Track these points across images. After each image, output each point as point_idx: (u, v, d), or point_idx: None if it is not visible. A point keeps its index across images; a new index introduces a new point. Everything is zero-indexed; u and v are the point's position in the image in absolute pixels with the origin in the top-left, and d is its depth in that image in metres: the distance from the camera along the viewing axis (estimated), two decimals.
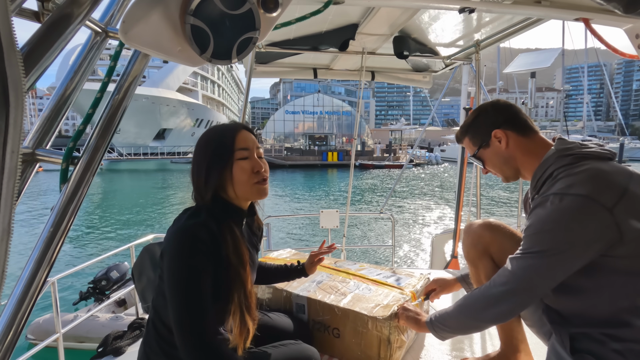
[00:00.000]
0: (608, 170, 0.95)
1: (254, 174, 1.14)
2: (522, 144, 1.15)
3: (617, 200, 0.89)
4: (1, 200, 0.43)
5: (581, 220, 0.91)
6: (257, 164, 1.15)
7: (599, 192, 0.91)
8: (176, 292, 0.99)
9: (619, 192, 0.90)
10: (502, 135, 1.16)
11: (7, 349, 0.61)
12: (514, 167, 1.19)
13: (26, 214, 14.04)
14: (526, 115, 1.19)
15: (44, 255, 0.67)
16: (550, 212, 0.95)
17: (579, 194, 0.91)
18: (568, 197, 0.93)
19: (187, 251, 1.01)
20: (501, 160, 1.20)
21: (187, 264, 1.00)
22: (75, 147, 0.76)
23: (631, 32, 1.21)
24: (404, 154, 39.22)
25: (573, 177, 0.96)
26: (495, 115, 1.19)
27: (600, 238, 0.90)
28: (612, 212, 0.88)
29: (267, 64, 2.91)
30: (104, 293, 4.86)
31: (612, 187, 0.92)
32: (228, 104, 63.75)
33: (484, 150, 1.22)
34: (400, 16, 2.00)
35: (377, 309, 1.52)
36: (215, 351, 0.98)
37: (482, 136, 1.21)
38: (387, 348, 1.46)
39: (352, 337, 1.53)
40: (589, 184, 0.92)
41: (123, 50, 0.83)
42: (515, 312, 1.05)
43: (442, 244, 3.85)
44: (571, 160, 1.01)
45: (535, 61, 5.15)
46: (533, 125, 1.17)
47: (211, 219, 1.07)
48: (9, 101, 0.41)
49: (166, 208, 15.86)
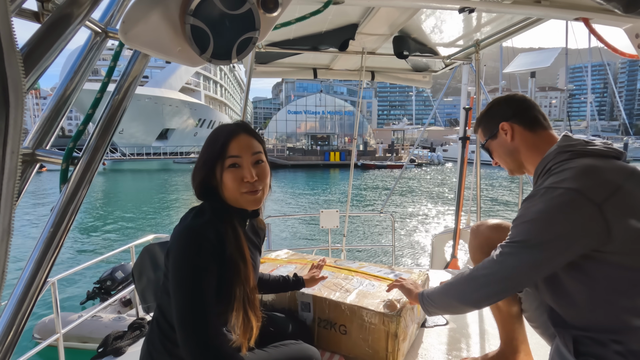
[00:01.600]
0: (603, 166, 0.96)
1: (243, 183, 1.11)
2: (528, 138, 1.17)
3: (608, 197, 0.89)
4: (1, 201, 0.43)
5: (567, 213, 0.92)
6: (246, 173, 1.10)
7: (588, 187, 0.91)
8: (180, 291, 0.99)
9: (610, 189, 0.90)
10: (509, 128, 1.19)
11: (8, 349, 0.61)
12: (518, 160, 1.21)
13: (33, 214, 14.09)
14: (540, 112, 1.19)
15: (44, 256, 0.67)
16: (538, 203, 0.96)
17: (568, 188, 0.92)
18: (557, 191, 0.94)
19: (193, 250, 1.01)
20: (506, 152, 1.22)
21: (193, 263, 1.00)
22: (76, 147, 0.76)
23: (631, 31, 1.20)
24: (407, 153, 39.17)
25: (566, 171, 0.97)
26: (506, 108, 1.22)
27: (586, 233, 0.90)
28: (601, 207, 0.88)
29: (267, 64, 2.91)
30: (110, 293, 4.89)
31: (603, 183, 0.92)
32: (230, 104, 63.85)
33: (492, 141, 1.25)
34: (400, 16, 2.00)
35: (384, 304, 1.54)
36: (216, 350, 0.99)
37: (491, 127, 1.24)
38: (394, 342, 1.48)
39: (360, 333, 1.55)
40: (580, 178, 0.93)
41: (123, 50, 0.83)
42: (493, 299, 1.05)
43: (442, 244, 3.85)
44: (569, 156, 1.02)
45: (535, 61, 5.14)
46: (544, 122, 1.17)
47: (216, 218, 1.08)
48: (9, 101, 0.41)
49: (169, 209, 15.89)
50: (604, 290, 0.94)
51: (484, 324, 1.94)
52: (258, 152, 1.15)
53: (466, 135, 3.26)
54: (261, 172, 1.14)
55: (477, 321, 1.98)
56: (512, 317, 1.38)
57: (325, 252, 3.92)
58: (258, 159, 1.15)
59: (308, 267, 1.93)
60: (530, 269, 0.97)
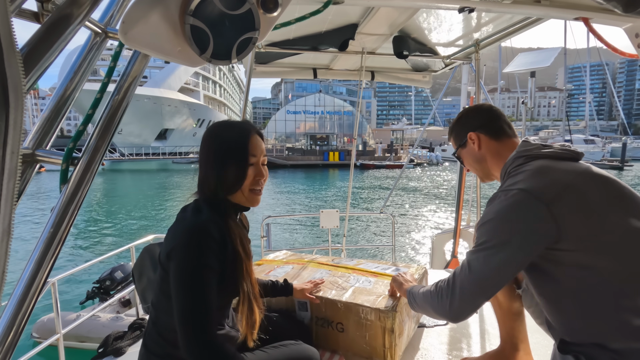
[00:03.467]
0: (554, 167, 1.02)
1: (254, 181, 1.15)
2: (493, 147, 1.24)
3: (556, 196, 0.94)
4: (1, 201, 0.43)
5: (519, 213, 0.97)
6: (259, 172, 1.16)
7: (537, 187, 0.97)
8: (183, 291, 0.99)
9: (558, 188, 0.96)
10: (476, 138, 1.26)
11: (8, 349, 0.61)
12: (485, 168, 1.28)
13: (39, 214, 14.08)
14: (506, 121, 1.27)
15: (44, 256, 0.67)
16: (495, 205, 1.02)
17: (520, 189, 0.98)
18: (511, 192, 0.99)
19: (197, 249, 1.00)
20: (474, 160, 1.30)
21: (198, 262, 1.00)
22: (76, 147, 0.76)
23: (631, 31, 1.20)
24: (406, 153, 39.17)
25: (520, 174, 1.04)
26: (474, 118, 1.30)
27: (538, 230, 0.95)
28: (550, 206, 0.93)
29: (267, 64, 2.91)
30: (109, 293, 4.89)
31: (552, 182, 0.97)
32: (230, 104, 63.81)
33: (462, 150, 1.33)
34: (399, 16, 2.00)
35: (379, 300, 1.54)
36: (217, 349, 0.99)
37: (461, 137, 1.31)
38: (391, 338, 1.48)
39: (357, 330, 1.55)
40: (530, 180, 0.99)
41: (123, 50, 0.83)
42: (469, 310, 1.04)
43: (442, 243, 3.85)
44: (524, 160, 1.08)
45: (535, 60, 5.15)
46: (508, 131, 1.25)
47: (216, 214, 1.09)
48: (9, 101, 0.41)
49: (168, 209, 15.87)
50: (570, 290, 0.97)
51: (484, 324, 1.94)
52: (265, 155, 1.20)
53: None
54: (266, 174, 1.19)
55: (477, 321, 1.98)
56: (512, 314, 1.38)
57: (325, 252, 3.92)
58: (265, 161, 1.21)
59: (305, 268, 1.93)
60: (493, 269, 0.98)
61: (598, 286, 0.94)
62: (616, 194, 0.99)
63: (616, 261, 0.93)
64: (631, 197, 0.99)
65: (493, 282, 1.00)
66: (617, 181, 1.02)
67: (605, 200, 0.97)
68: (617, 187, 1.00)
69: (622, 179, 14.15)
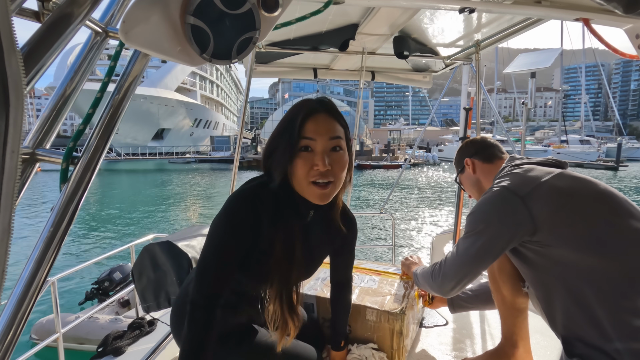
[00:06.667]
0: (537, 169, 1.15)
1: (312, 170, 0.95)
2: (486, 169, 1.42)
3: (530, 190, 1.07)
4: (1, 200, 0.43)
5: (497, 205, 1.11)
6: (318, 159, 0.94)
7: (515, 183, 1.11)
8: (207, 242, 0.99)
9: (532, 183, 1.09)
10: (471, 163, 1.46)
11: (7, 349, 0.61)
12: (481, 190, 1.44)
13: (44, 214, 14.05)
14: (498, 148, 1.45)
15: (44, 255, 0.66)
16: (480, 201, 1.18)
17: (501, 186, 1.13)
18: (493, 189, 1.15)
19: (237, 210, 0.97)
20: (471, 183, 1.49)
21: (230, 224, 0.97)
22: (75, 147, 0.76)
23: (631, 32, 1.21)
24: (403, 153, 39.23)
25: (507, 176, 1.18)
26: (470, 147, 1.50)
27: (511, 220, 1.07)
28: (524, 199, 1.06)
29: (267, 64, 2.91)
30: (107, 294, 4.87)
31: (530, 179, 1.11)
32: (227, 104, 63.72)
33: (461, 175, 1.54)
34: (400, 16, 2.00)
35: (387, 301, 1.54)
36: (209, 307, 0.96)
37: (460, 163, 1.52)
38: (399, 339, 1.48)
39: (365, 331, 1.54)
40: (510, 178, 1.14)
41: (123, 50, 0.82)
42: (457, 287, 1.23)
43: (442, 244, 3.86)
44: (510, 169, 1.23)
45: (536, 61, 5.13)
46: (500, 154, 1.43)
47: (282, 196, 1.00)
48: (9, 101, 0.41)
49: (166, 209, 15.83)
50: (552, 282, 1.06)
51: (484, 324, 1.94)
52: (337, 137, 0.98)
53: (466, 136, 3.26)
54: (336, 162, 0.97)
55: (477, 321, 1.98)
56: (515, 310, 1.39)
57: None
58: (336, 145, 0.97)
59: None
60: (475, 254, 1.14)
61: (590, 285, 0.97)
62: (599, 194, 1.05)
63: (604, 260, 0.97)
64: (612, 197, 1.05)
65: (473, 264, 1.16)
66: (599, 183, 1.09)
67: (586, 198, 1.05)
68: (599, 188, 1.06)
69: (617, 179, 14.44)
